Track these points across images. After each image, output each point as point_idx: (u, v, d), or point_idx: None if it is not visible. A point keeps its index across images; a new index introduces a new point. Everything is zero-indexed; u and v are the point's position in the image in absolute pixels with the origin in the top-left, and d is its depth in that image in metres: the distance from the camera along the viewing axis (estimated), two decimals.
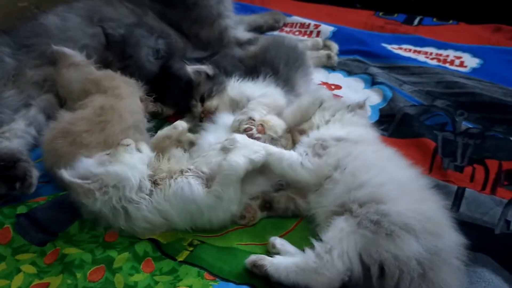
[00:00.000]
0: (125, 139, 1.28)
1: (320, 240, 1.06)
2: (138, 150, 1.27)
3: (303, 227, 1.25)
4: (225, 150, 1.24)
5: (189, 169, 1.22)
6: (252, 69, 1.67)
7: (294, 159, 1.23)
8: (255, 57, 1.76)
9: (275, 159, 1.23)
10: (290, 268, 1.05)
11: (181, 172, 1.21)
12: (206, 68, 1.61)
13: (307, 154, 1.23)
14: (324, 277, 1.02)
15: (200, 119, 1.59)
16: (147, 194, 1.19)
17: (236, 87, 1.59)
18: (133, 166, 1.20)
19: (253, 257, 1.11)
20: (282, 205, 1.28)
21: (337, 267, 1.01)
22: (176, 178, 1.19)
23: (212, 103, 1.57)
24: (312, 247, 1.06)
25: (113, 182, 1.16)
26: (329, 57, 2.04)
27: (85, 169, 1.18)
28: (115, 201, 1.16)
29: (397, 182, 1.12)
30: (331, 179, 1.18)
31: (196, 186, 1.18)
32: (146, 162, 1.24)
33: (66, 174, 1.16)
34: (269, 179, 1.31)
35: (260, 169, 1.25)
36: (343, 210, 1.10)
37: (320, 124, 1.35)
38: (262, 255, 1.11)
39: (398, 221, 1.02)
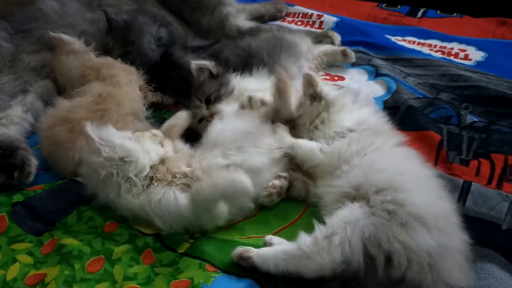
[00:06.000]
0: (156, 130, 1.32)
1: (324, 224, 1.03)
2: (161, 144, 1.27)
3: (307, 218, 1.21)
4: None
5: (182, 175, 1.19)
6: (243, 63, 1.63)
7: (314, 145, 1.26)
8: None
9: (300, 144, 1.27)
10: (278, 256, 1.02)
11: (173, 178, 1.18)
12: (210, 65, 1.52)
13: (327, 143, 1.25)
14: (315, 264, 0.98)
15: (200, 121, 1.49)
16: (142, 184, 1.16)
17: (239, 84, 1.53)
18: (147, 151, 1.21)
19: (239, 250, 1.08)
20: (294, 190, 1.28)
21: (332, 255, 0.97)
22: (163, 187, 1.17)
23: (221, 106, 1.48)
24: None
25: (122, 155, 1.17)
26: (344, 54, 1.90)
27: (107, 134, 1.21)
28: (115, 172, 1.16)
29: (416, 175, 1.11)
30: (349, 163, 1.16)
31: (181, 200, 1.14)
32: (160, 155, 1.23)
33: (88, 128, 1.19)
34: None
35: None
36: (358, 193, 1.08)
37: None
38: (248, 247, 1.08)
39: (414, 212, 1.00)
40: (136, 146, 1.20)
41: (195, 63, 1.52)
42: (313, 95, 1.35)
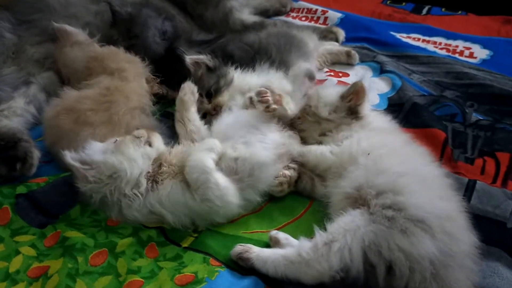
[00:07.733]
0: (138, 130, 1.24)
1: (325, 230, 1.02)
2: (149, 143, 1.22)
3: (312, 214, 1.22)
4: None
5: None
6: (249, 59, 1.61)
7: (324, 148, 1.24)
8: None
9: (310, 150, 1.26)
10: (278, 261, 1.01)
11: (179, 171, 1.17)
12: (206, 59, 1.51)
13: (336, 145, 1.24)
14: (313, 271, 0.97)
15: (204, 115, 1.46)
16: (141, 194, 1.14)
17: (240, 77, 1.51)
18: (133, 159, 1.15)
19: (239, 248, 1.07)
20: (301, 183, 1.27)
21: (330, 263, 0.96)
22: (170, 179, 1.15)
23: (223, 98, 1.46)
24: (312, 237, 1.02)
25: (109, 172, 1.13)
26: (349, 55, 1.89)
27: (87, 154, 1.16)
28: (109, 192, 1.13)
29: (419, 175, 1.09)
30: (355, 164, 1.14)
31: (188, 192, 1.14)
32: (152, 157, 1.19)
33: (68, 156, 1.14)
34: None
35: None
36: (359, 196, 1.06)
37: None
38: (249, 245, 1.07)
39: (414, 215, 0.98)
40: (119, 158, 1.14)
41: (189, 58, 1.50)
42: (352, 109, 1.30)
